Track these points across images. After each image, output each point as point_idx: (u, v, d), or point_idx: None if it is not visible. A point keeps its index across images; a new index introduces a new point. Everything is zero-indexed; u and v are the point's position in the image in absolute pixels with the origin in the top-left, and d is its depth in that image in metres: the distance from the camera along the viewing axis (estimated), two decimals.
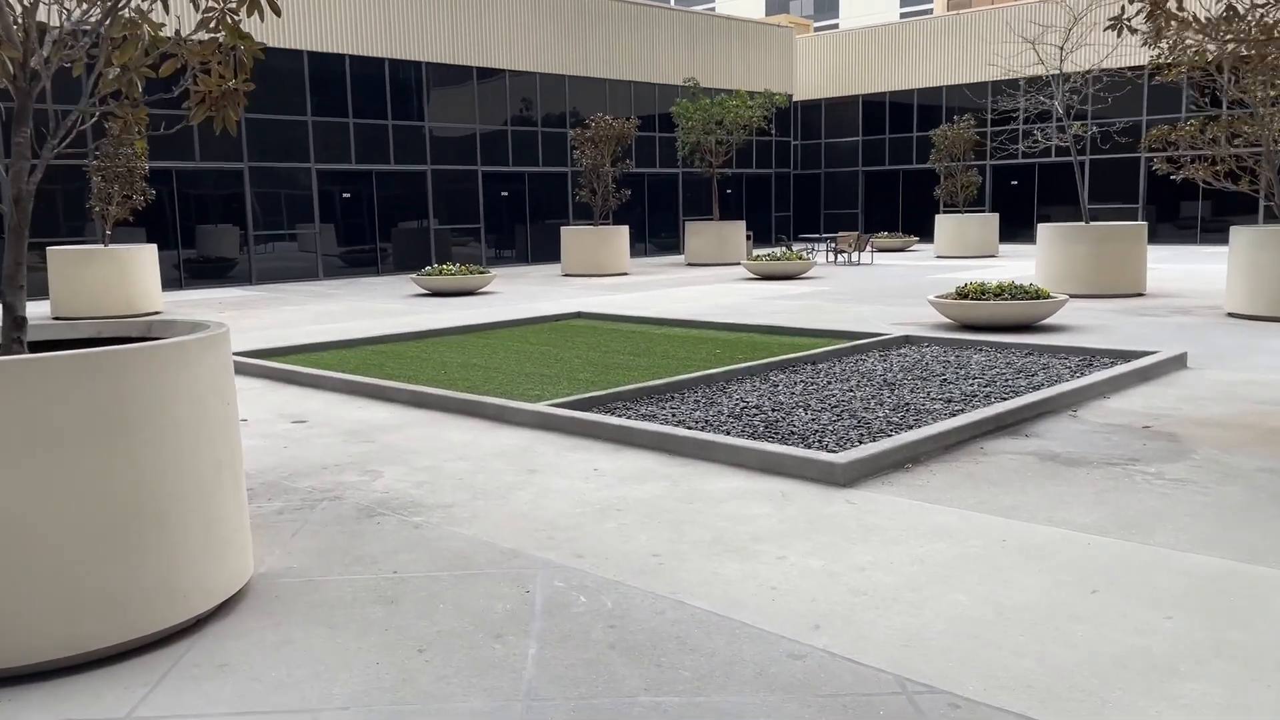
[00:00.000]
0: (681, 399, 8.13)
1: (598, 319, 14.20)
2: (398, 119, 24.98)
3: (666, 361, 10.20)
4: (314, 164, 23.55)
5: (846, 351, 10.10)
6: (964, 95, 32.82)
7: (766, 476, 5.84)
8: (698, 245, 26.28)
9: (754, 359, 10.08)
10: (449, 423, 7.60)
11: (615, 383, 9.00)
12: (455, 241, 26.42)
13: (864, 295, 16.92)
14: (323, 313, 16.19)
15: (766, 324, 12.49)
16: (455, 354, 11.14)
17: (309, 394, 8.98)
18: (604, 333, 12.69)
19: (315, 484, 6.00)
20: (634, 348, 11.27)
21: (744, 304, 15.90)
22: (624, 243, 23.54)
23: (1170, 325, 12.06)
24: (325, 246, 23.96)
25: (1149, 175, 29.36)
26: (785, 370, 9.34)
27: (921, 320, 13.00)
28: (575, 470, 6.14)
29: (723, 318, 13.81)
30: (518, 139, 27.50)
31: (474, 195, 26.66)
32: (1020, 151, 19.54)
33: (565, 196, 28.74)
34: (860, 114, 35.69)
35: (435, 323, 14.14)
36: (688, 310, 15.05)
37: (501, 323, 13.54)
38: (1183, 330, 11.58)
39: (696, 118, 25.56)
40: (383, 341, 12.20)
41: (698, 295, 17.72)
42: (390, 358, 10.97)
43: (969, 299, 11.87)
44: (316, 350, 11.61)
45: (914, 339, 10.90)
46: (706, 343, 11.53)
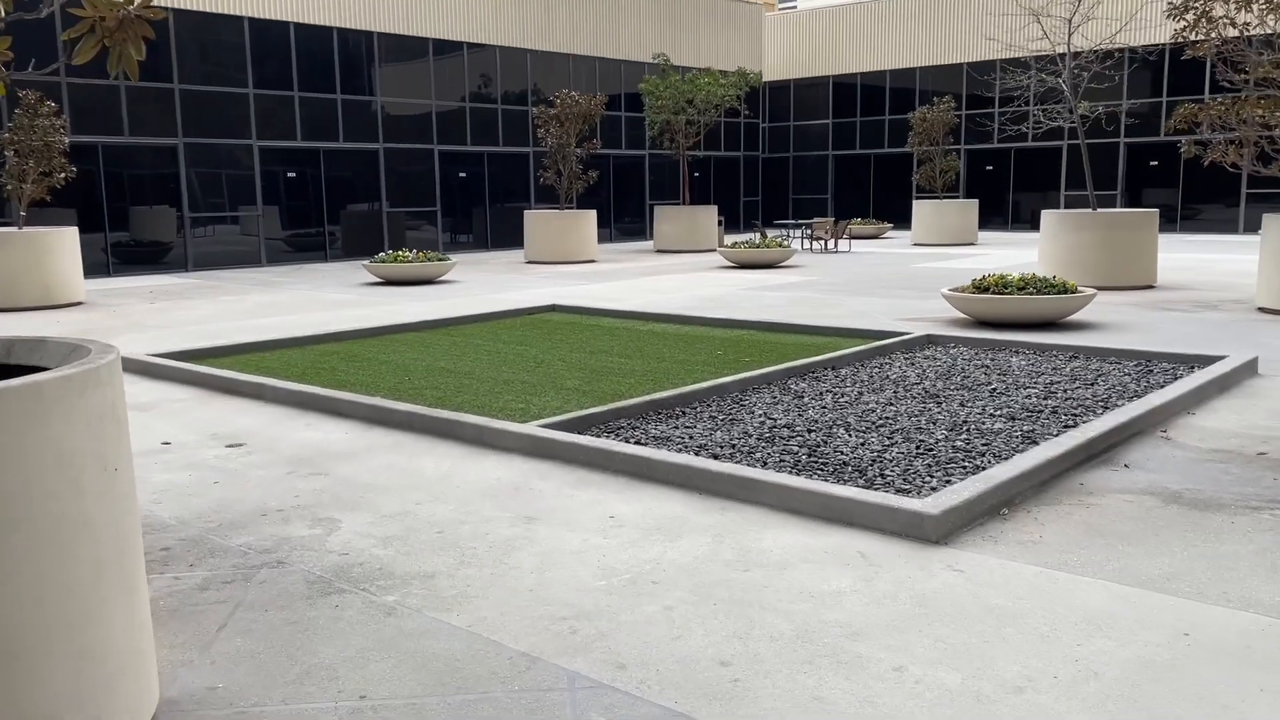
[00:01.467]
0: (695, 416, 6.88)
1: (575, 313, 12.89)
2: (347, 93, 23.34)
3: (663, 365, 8.94)
4: (256, 141, 21.86)
5: (868, 354, 8.92)
6: (939, 77, 31.88)
7: (832, 528, 4.61)
8: (667, 231, 25.01)
9: (766, 364, 8.86)
10: (419, 447, 6.27)
11: (611, 393, 7.72)
12: (409, 225, 24.86)
13: (856, 286, 15.78)
14: (266, 304, 14.68)
15: (764, 320, 11.28)
16: (419, 355, 9.78)
17: (248, 407, 7.58)
18: (584, 329, 11.39)
19: (252, 540, 4.66)
20: (622, 347, 9.99)
21: (729, 296, 14.68)
22: (591, 228, 22.20)
23: (1207, 323, 11.06)
24: (269, 230, 22.31)
25: (1128, 161, 28.64)
26: (805, 378, 8.13)
27: (931, 315, 11.88)
28: (586, 517, 4.86)
29: (711, 312, 12.57)
30: (476, 117, 25.96)
31: (430, 176, 25.10)
32: (1028, 133, 18.55)
33: (527, 178, 27.27)
34: (830, 96, 34.58)
35: (393, 316, 12.72)
36: (670, 303, 13.79)
37: (468, 317, 12.17)
38: (1225, 328, 10.57)
39: (667, 96, 24.24)
40: (335, 339, 10.78)
41: (677, 285, 16.47)
42: (344, 359, 9.58)
43: (990, 293, 10.76)
44: (258, 350, 10.16)
45: (937, 338, 9.75)
46: (702, 342, 10.28)
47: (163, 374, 8.83)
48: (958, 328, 10.75)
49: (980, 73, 30.83)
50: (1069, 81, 14.57)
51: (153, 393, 8.20)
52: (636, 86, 29.47)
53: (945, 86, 31.62)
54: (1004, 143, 30.60)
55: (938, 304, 13.09)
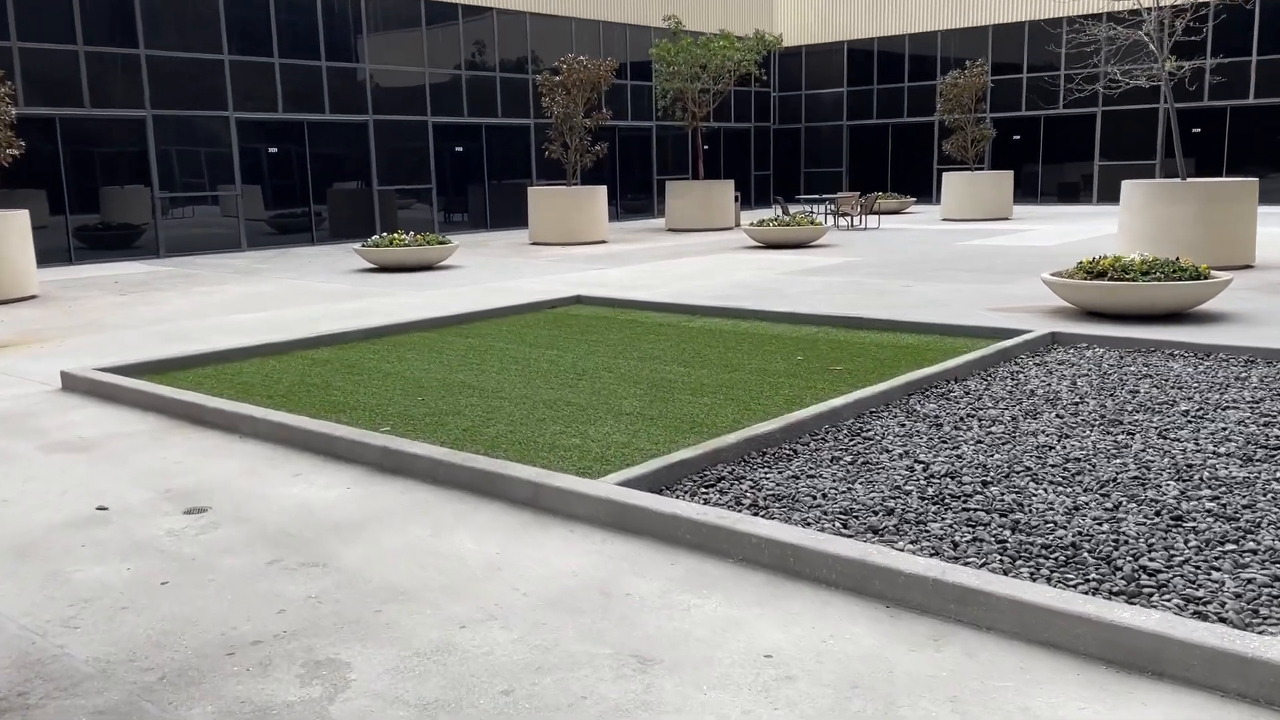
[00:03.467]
0: (812, 456, 5.17)
1: (604, 305, 11.14)
2: (333, 60, 21.39)
3: (736, 376, 7.21)
4: (233, 112, 19.93)
5: (990, 359, 7.20)
6: (963, 41, 30.02)
7: (1143, 685, 2.91)
8: (680, 208, 23.21)
9: (866, 375, 7.14)
10: (451, 511, 4.55)
11: (685, 420, 5.99)
12: (402, 205, 22.99)
13: (911, 269, 14.06)
14: (246, 296, 12.87)
15: (833, 313, 9.56)
16: (430, 364, 8.02)
17: (220, 445, 5.83)
18: (622, 326, 9.65)
19: (212, 713, 2.93)
20: (675, 351, 8.26)
21: (770, 281, 12.94)
22: (601, 206, 20.39)
23: None
24: (249, 211, 20.42)
25: (1166, 127, 26.91)
26: (928, 394, 6.42)
27: (1024, 304, 10.18)
28: (728, 660, 3.16)
29: (761, 302, 10.85)
30: (473, 86, 24.03)
31: (424, 151, 23.20)
32: (1101, 93, 16.80)
33: (528, 152, 25.38)
34: (845, 63, 32.69)
35: (394, 311, 10.95)
36: (708, 290, 12.05)
37: (482, 313, 10.41)
38: None
39: (680, 61, 22.36)
40: (327, 343, 9.01)
41: (705, 269, 14.72)
42: (340, 370, 7.82)
43: (1108, 278, 9.05)
44: (236, 359, 8.39)
45: (1062, 336, 8.04)
46: (770, 343, 8.56)
47: (114, 395, 7.06)
48: (1069, 320, 9.06)
49: (1009, 37, 29.00)
50: (1155, 33, 12.81)
51: (98, 423, 6.43)
52: (643, 53, 27.58)
53: (969, 51, 29.81)
54: (1032, 110, 28.83)
55: (1020, 289, 11.39)
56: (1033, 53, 28.74)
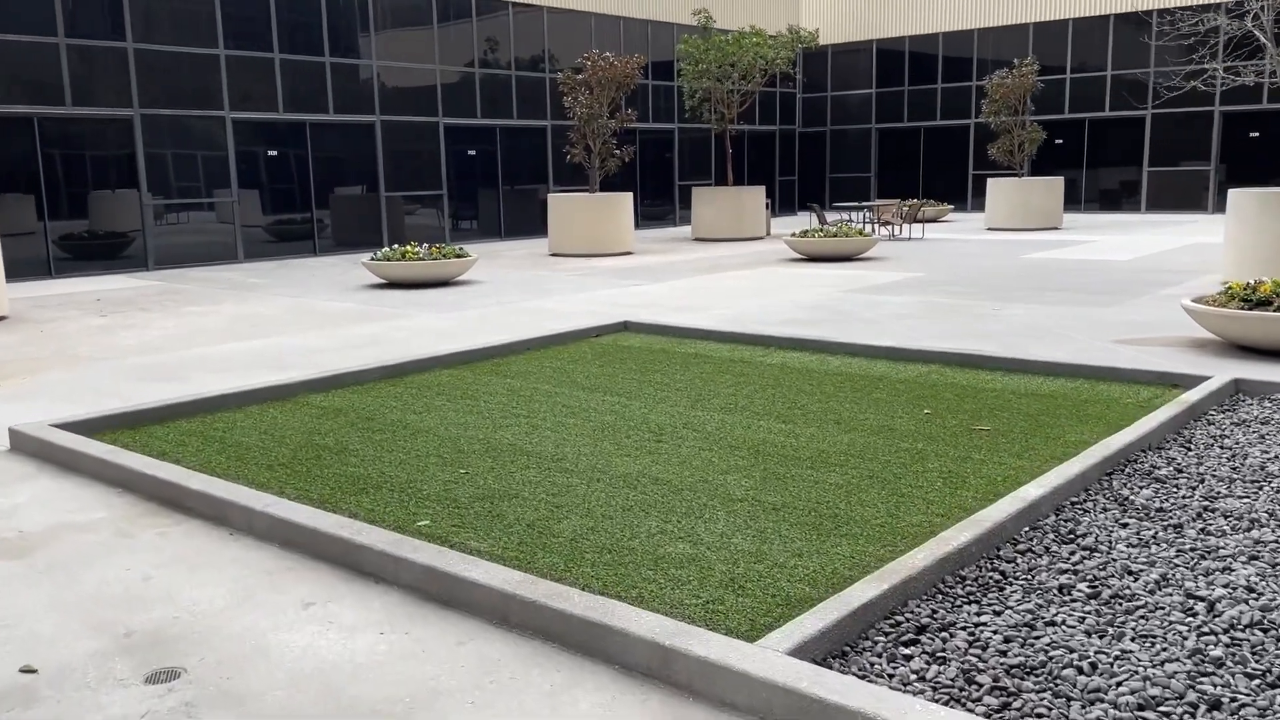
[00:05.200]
0: (1033, 585, 3.69)
1: (657, 333, 9.65)
2: (337, 57, 19.91)
3: (857, 439, 5.72)
4: (229, 112, 18.44)
5: (1178, 419, 5.70)
6: (1001, 41, 28.53)
7: None
8: (708, 216, 21.72)
9: (1034, 447, 5.66)
10: (537, 684, 3.06)
11: (824, 512, 4.51)
12: (410, 212, 21.50)
13: (990, 287, 12.58)
14: (243, 318, 11.38)
15: (936, 348, 8.07)
16: (467, 415, 6.54)
17: (203, 545, 4.35)
18: (685, 361, 8.16)
19: None
20: (764, 398, 6.77)
21: (837, 303, 11.46)
22: (627, 215, 18.92)
23: None
24: (246, 218, 18.93)
25: (1223, 129, 25.43)
26: (1127, 473, 4.94)
27: (1152, 333, 8.71)
28: None
29: (839, 329, 9.37)
30: (487, 85, 22.55)
31: (434, 154, 21.70)
32: (1209, 91, 15.34)
33: (545, 156, 23.88)
34: (874, 63, 31.20)
35: (413, 341, 9.47)
36: (769, 314, 10.57)
37: (517, 343, 8.91)
38: None
39: (710, 59, 20.88)
40: (339, 384, 7.52)
41: (756, 288, 13.24)
42: (356, 425, 6.33)
43: (1275, 308, 7.58)
44: (228, 406, 6.89)
45: (1247, 385, 6.56)
46: (876, 386, 7.07)
47: (72, 463, 5.56)
48: (1229, 359, 7.58)
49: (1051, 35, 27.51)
50: (1270, 25, 11.35)
51: (48, 506, 4.94)
52: (665, 51, 26.14)
53: (1008, 51, 28.35)
54: (1076, 112, 27.36)
55: (1133, 314, 9.91)
56: (1077, 52, 27.29)
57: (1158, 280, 12.81)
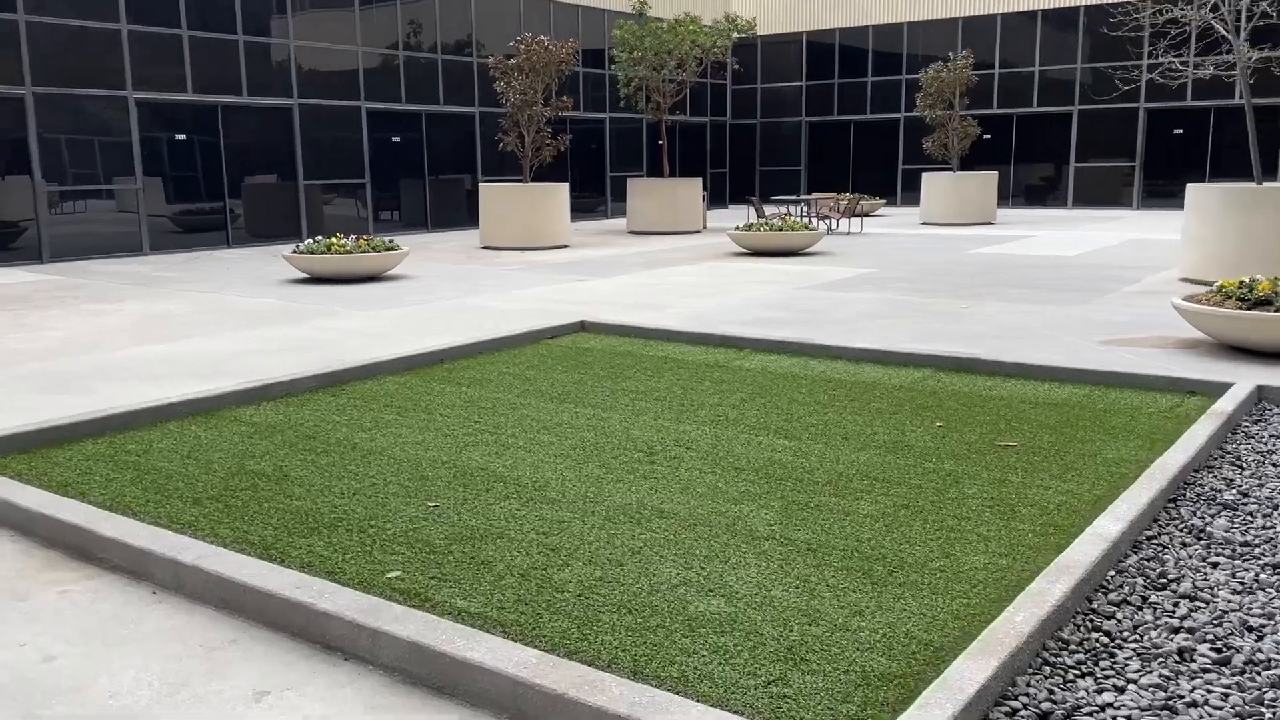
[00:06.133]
0: (1150, 650, 3.11)
1: (617, 334, 8.93)
2: (252, 35, 18.65)
3: (873, 459, 5.12)
4: (132, 92, 17.08)
5: (1218, 433, 5.23)
6: (932, 34, 28.42)
7: None
8: (644, 209, 21.05)
9: (1069, 462, 5.12)
10: None
11: (870, 553, 3.87)
12: (331, 201, 20.32)
13: (950, 284, 12.17)
14: (153, 318, 10.32)
15: (927, 351, 7.54)
16: (425, 432, 5.74)
17: (119, 609, 3.51)
18: (656, 366, 7.47)
19: None
20: (756, 410, 6.12)
21: (798, 300, 10.91)
22: (563, 206, 18.13)
23: None
24: (152, 207, 17.59)
25: (1148, 126, 25.70)
26: (1189, 499, 4.42)
27: (1138, 333, 8.33)
28: None
29: (811, 330, 8.80)
30: (412, 69, 21.46)
31: (356, 141, 20.55)
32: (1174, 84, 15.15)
33: (473, 144, 22.88)
34: (804, 55, 30.86)
35: (348, 343, 8.58)
36: (731, 313, 9.95)
37: (467, 346, 8.10)
38: None
39: (646, 46, 20.17)
40: (270, 394, 6.63)
41: (708, 284, 12.62)
42: (296, 445, 5.49)
43: (1275, 307, 7.22)
44: (143, 424, 5.97)
45: (1269, 392, 6.14)
46: (870, 393, 6.48)
47: None
48: (1219, 360, 7.21)
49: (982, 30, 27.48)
50: (1231, 18, 11.13)
51: None
52: (597, 38, 25.35)
53: (937, 46, 28.27)
54: (1004, 108, 27.40)
55: (1109, 312, 9.56)
56: (1005, 47, 27.34)
57: (1115, 277, 12.58)
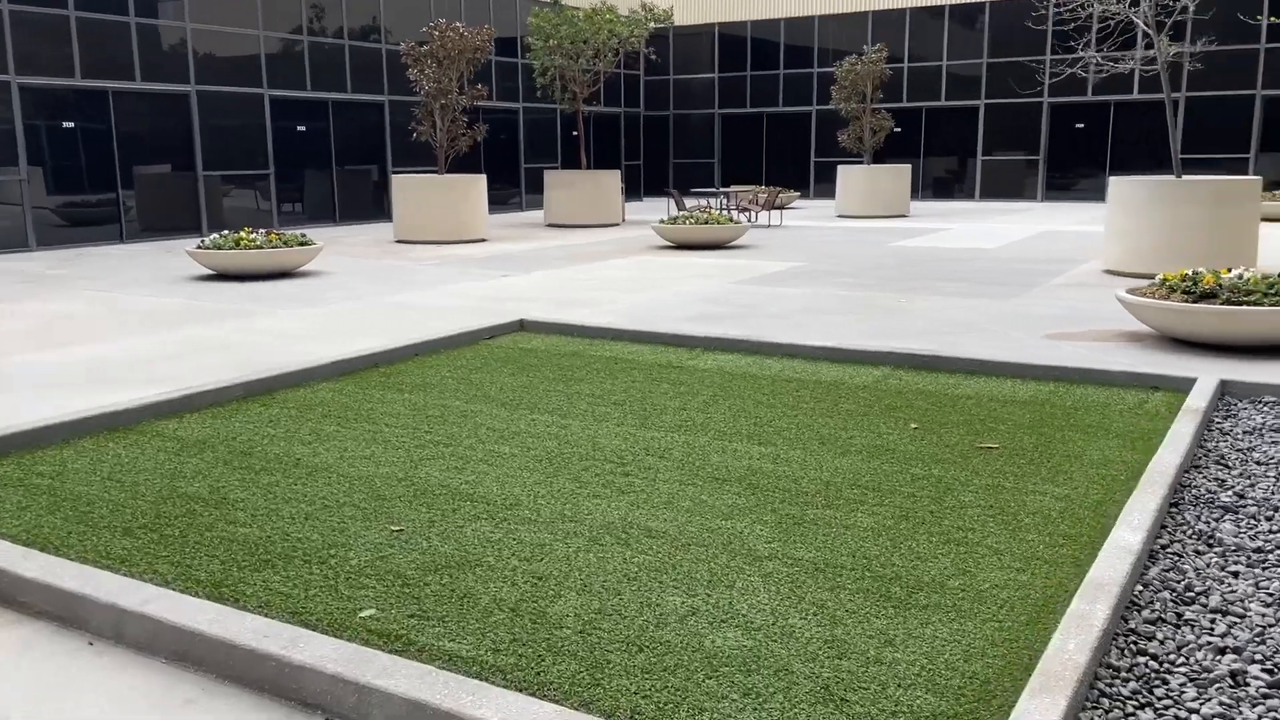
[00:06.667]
0: (1190, 674, 2.95)
1: (559, 333, 8.56)
2: (144, 16, 17.60)
3: (855, 464, 4.90)
4: (15, 77, 15.93)
5: (1197, 430, 5.16)
6: (843, 28, 28.63)
7: None
8: (562, 201, 20.64)
9: (1053, 461, 4.98)
10: None
11: (882, 571, 3.64)
12: (232, 194, 19.36)
13: (880, 278, 12.13)
14: (48, 321, 9.54)
15: (880, 349, 7.39)
16: (373, 445, 5.31)
17: (50, 665, 3.05)
18: (607, 368, 7.14)
19: None
20: (723, 413, 5.86)
21: (734, 295, 10.71)
22: (481, 199, 17.62)
23: None
24: (37, 199, 16.47)
25: (1051, 120, 26.34)
26: (1187, 502, 4.30)
27: (1081, 327, 8.34)
28: None
29: (755, 327, 8.59)
30: (318, 55, 20.59)
31: (259, 130, 19.62)
32: (1089, 80, 15.18)
33: (382, 134, 22.11)
34: (716, 47, 30.77)
35: (269, 345, 8.02)
36: (670, 309, 9.68)
37: (403, 349, 7.64)
38: None
39: (563, 34, 19.74)
40: (195, 405, 6.09)
41: (639, 278, 12.34)
42: (231, 463, 5.00)
43: (1221, 301, 7.27)
44: (52, 441, 5.39)
45: (1234, 387, 6.14)
46: (835, 394, 6.28)
47: None
48: (1166, 352, 7.23)
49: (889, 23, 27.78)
50: (1151, 12, 11.31)
51: None
52: (509, 25, 24.77)
53: (847, 40, 28.49)
54: (914, 101, 27.79)
55: (1045, 305, 9.59)
56: (915, 41, 27.71)
57: (1039, 270, 12.72)
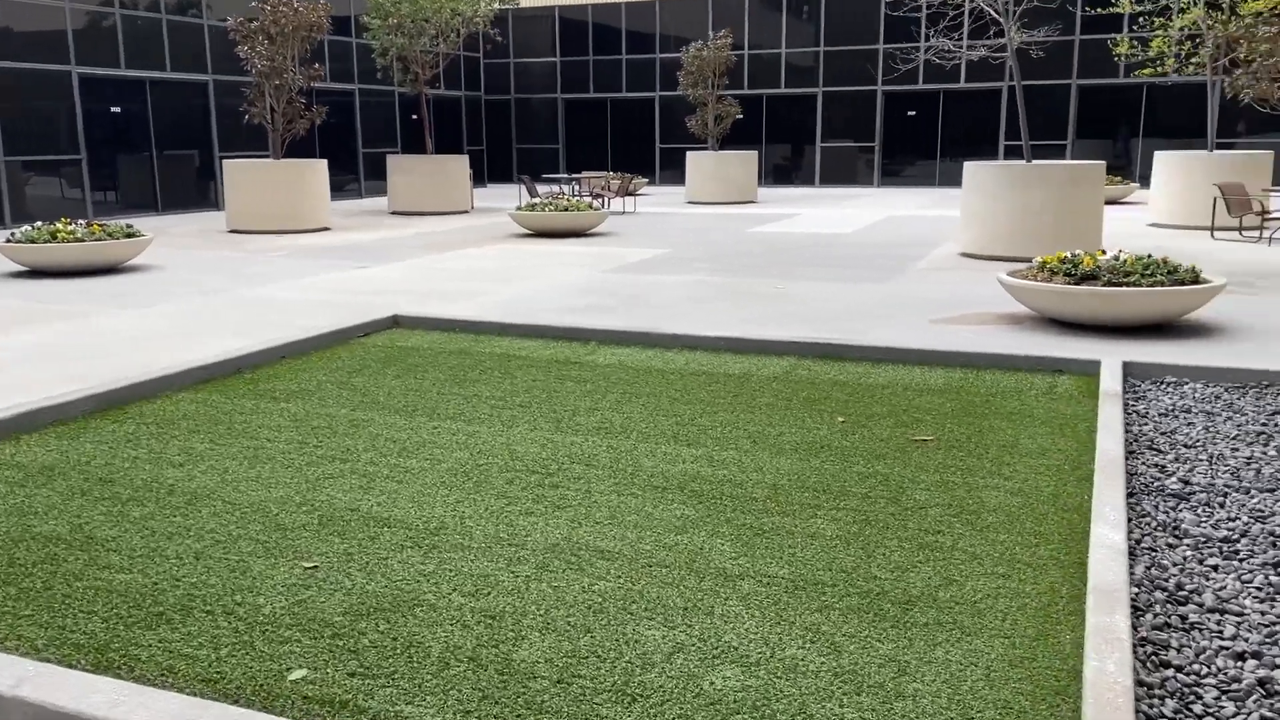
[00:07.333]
0: (1220, 686, 2.81)
1: (438, 329, 7.98)
2: None
3: (790, 464, 4.64)
4: None
5: (1118, 415, 5.16)
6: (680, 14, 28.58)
7: None
8: (408, 188, 19.74)
9: (1000, 455, 4.86)
10: None
11: (866, 586, 3.41)
12: (34, 180, 17.54)
13: (750, 264, 12.04)
14: None
15: (783, 339, 7.21)
16: (257, 463, 4.68)
17: None
18: (501, 366, 6.66)
19: None
20: (637, 411, 5.50)
21: (612, 285, 10.37)
22: (323, 185, 16.60)
23: None
24: None
25: (885, 108, 27.13)
26: (1139, 490, 4.24)
27: (965, 310, 8.42)
28: None
29: (646, 318, 8.27)
30: (131, 30, 18.88)
31: (68, 112, 17.84)
32: (949, 66, 15.40)
33: (208, 116, 20.53)
34: (557, 30, 30.21)
35: (113, 352, 7.12)
36: (550, 300, 9.25)
37: (267, 351, 6.91)
38: None
39: (403, 13, 18.80)
40: (34, 426, 5.25)
41: (504, 268, 11.82)
42: (90, 494, 4.29)
43: (1102, 283, 7.43)
44: None
45: (1134, 368, 6.23)
46: (746, 387, 6.03)
47: None
48: (1049, 334, 7.35)
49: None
50: (1002, 2, 11.62)
51: None
52: (340, 2, 23.50)
53: (688, 26, 28.49)
54: (755, 88, 28.08)
55: (912, 289, 9.68)
56: (754, 29, 27.99)
57: (900, 254, 12.93)
